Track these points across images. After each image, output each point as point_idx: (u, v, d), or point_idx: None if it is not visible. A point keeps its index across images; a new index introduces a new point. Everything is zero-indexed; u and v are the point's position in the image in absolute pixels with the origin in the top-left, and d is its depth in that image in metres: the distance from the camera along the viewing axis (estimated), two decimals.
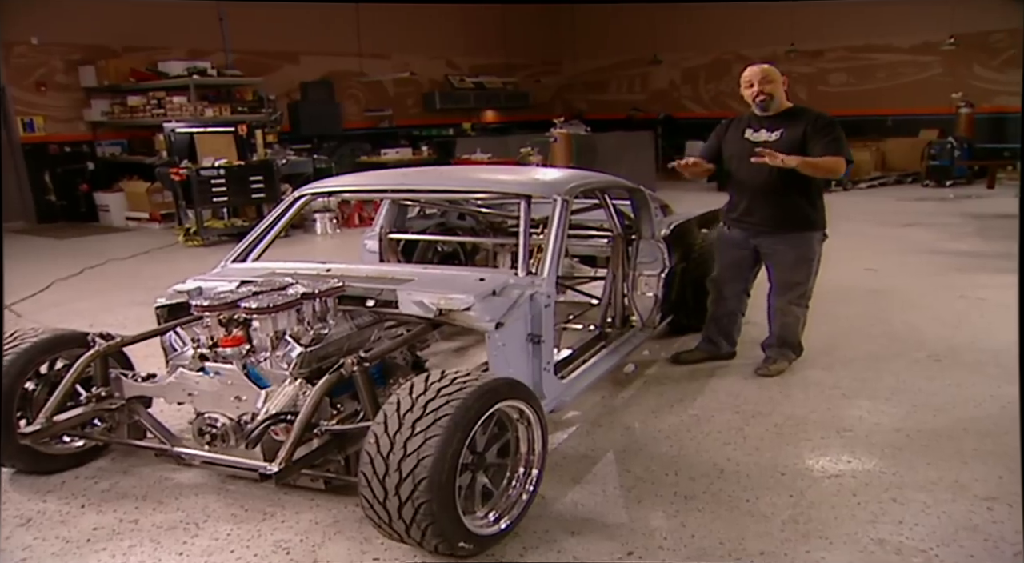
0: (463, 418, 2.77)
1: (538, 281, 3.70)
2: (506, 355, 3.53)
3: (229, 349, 3.35)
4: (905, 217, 10.99)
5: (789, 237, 4.69)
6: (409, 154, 14.57)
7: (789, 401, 4.50)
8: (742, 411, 4.36)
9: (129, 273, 8.79)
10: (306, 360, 3.34)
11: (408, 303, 3.58)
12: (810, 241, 4.71)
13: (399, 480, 2.68)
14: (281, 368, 3.33)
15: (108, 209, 12.60)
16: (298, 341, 3.36)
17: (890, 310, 6.29)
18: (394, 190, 4.92)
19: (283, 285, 3.58)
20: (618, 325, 4.97)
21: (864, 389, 4.65)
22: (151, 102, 12.15)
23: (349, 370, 3.10)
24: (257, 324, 3.39)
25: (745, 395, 4.60)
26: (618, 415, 4.37)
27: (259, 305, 3.32)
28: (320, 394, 3.06)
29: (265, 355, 3.38)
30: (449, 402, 2.79)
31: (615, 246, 4.97)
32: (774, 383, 4.77)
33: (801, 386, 4.73)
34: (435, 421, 2.73)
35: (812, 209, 4.68)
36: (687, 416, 4.33)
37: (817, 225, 4.71)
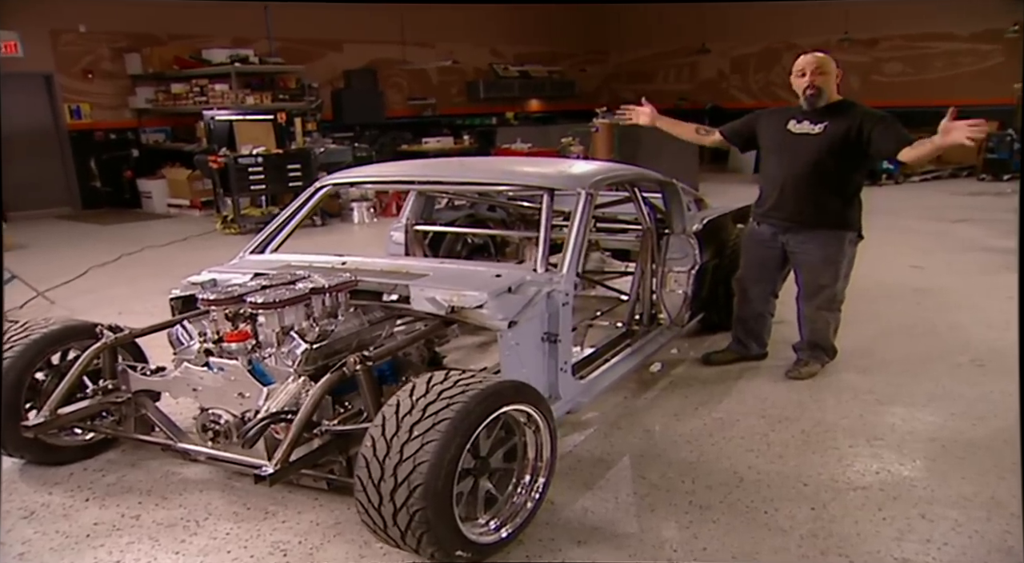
0: (463, 422, 2.65)
1: (557, 278, 3.58)
2: (519, 355, 3.41)
3: (234, 344, 3.28)
4: (957, 212, 10.60)
5: (818, 235, 4.47)
6: (451, 143, 14.51)
7: (819, 406, 4.31)
8: (768, 416, 4.19)
9: (164, 261, 8.84)
10: (311, 357, 3.25)
11: (420, 299, 3.49)
12: (840, 241, 4.48)
13: (394, 485, 2.58)
14: (286, 365, 3.25)
15: (150, 196, 12.74)
16: (303, 337, 3.28)
17: (934, 310, 6.04)
18: (416, 181, 4.84)
19: (293, 279, 3.50)
20: (645, 323, 4.82)
21: (900, 394, 4.43)
22: (194, 89, 12.24)
23: (352, 369, 3.01)
24: (263, 319, 3.31)
25: (773, 399, 4.42)
26: (639, 417, 4.22)
27: (265, 300, 3.24)
28: (320, 393, 2.97)
29: (271, 351, 3.30)
30: (449, 405, 2.68)
31: (644, 241, 4.81)
32: (805, 386, 4.59)
33: (833, 390, 4.53)
34: (433, 425, 2.63)
35: (847, 207, 4.48)
36: (711, 419, 4.17)
37: (850, 225, 4.49)
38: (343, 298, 3.53)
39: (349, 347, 3.40)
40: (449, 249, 5.82)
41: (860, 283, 7.02)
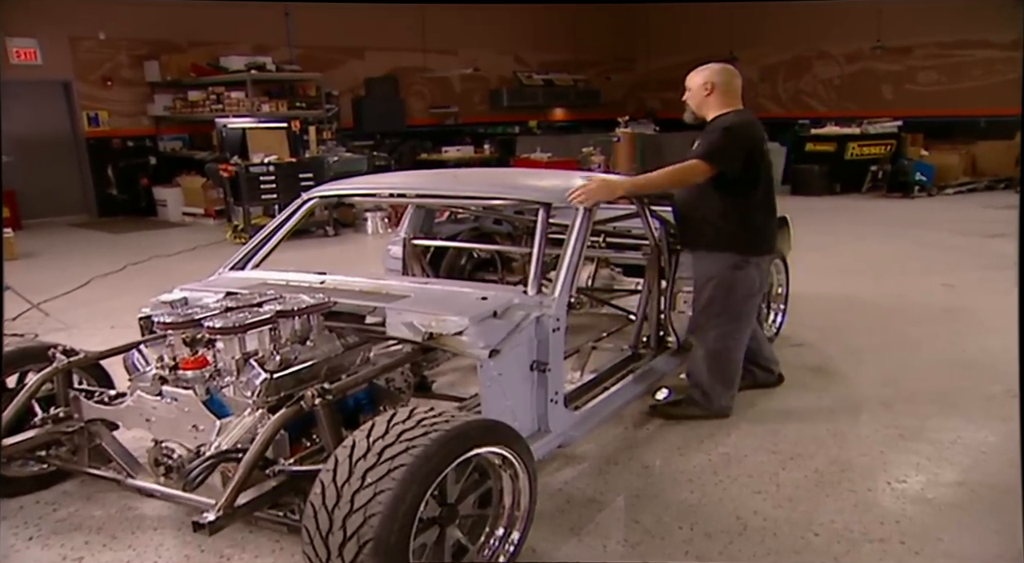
0: (422, 469, 2.36)
1: (547, 301, 3.30)
2: (503, 386, 3.13)
3: (190, 372, 3.00)
4: (992, 226, 10.12)
5: (695, 256, 4.22)
6: (471, 152, 14.31)
7: (836, 441, 3.97)
8: (780, 452, 3.85)
9: (169, 271, 8.67)
10: (271, 387, 2.97)
11: (397, 324, 3.22)
12: (708, 262, 4.11)
13: (343, 539, 2.29)
14: (245, 396, 2.98)
15: (165, 204, 12.66)
16: (263, 366, 3.00)
17: (966, 334, 5.65)
18: (406, 194, 4.57)
19: (260, 301, 3.24)
20: (653, 346, 4.52)
21: (926, 429, 4.08)
22: (210, 97, 12.11)
23: (309, 403, 2.71)
24: (221, 345, 3.05)
25: (786, 432, 4.08)
26: (638, 451, 3.91)
27: (224, 324, 2.97)
28: (273, 430, 2.70)
29: (230, 380, 3.03)
30: (408, 449, 2.39)
31: (651, 258, 4.50)
32: (822, 418, 4.24)
33: (852, 422, 4.19)
34: (389, 472, 2.33)
35: (721, 227, 4.03)
36: (716, 455, 3.84)
37: (724, 245, 4.03)
38: (316, 321, 3.25)
39: (318, 376, 3.13)
40: (451, 264, 5.56)
41: (885, 302, 6.75)
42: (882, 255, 8.66)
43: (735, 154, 3.86)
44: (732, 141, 3.85)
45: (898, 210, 12.26)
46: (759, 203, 4.06)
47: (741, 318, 4.17)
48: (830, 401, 4.49)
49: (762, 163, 4.00)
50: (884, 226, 10.62)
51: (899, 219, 11.25)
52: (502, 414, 3.08)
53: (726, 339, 4.17)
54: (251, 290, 3.45)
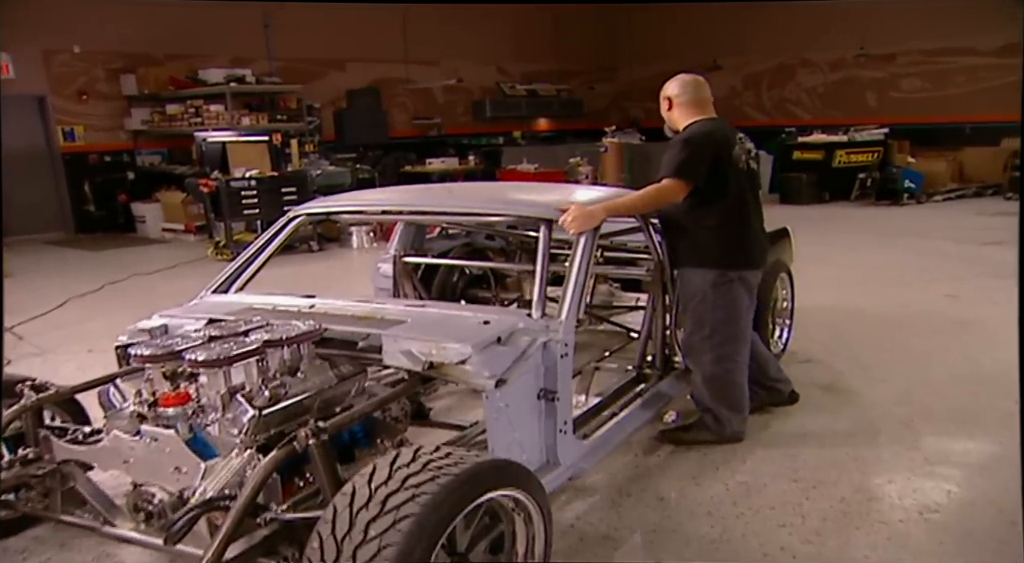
0: (431, 520, 2.12)
1: (554, 325, 3.10)
2: (510, 417, 2.91)
3: (171, 409, 2.75)
4: (986, 234, 10.01)
5: (680, 274, 4.02)
6: (455, 164, 14.11)
7: (859, 466, 3.76)
8: (801, 479, 3.65)
9: (149, 290, 8.40)
10: (260, 425, 2.71)
11: (394, 353, 2.97)
12: (691, 280, 3.92)
13: None
14: (231, 434, 2.72)
15: (144, 220, 12.36)
16: (250, 402, 2.73)
17: (976, 346, 5.48)
18: (397, 211, 4.32)
19: (246, 329, 2.99)
20: (659, 366, 4.29)
21: (951, 452, 3.89)
22: (189, 110, 11.84)
23: (302, 443, 2.47)
24: (205, 379, 2.80)
25: (805, 456, 3.88)
26: (651, 481, 3.69)
27: (207, 356, 2.71)
28: (264, 474, 2.44)
29: (215, 417, 2.77)
30: (415, 497, 2.15)
31: (655, 275, 4.27)
32: (840, 441, 4.04)
33: (872, 445, 3.99)
34: (394, 523, 2.10)
35: (697, 241, 3.86)
36: (734, 484, 3.63)
37: (702, 260, 3.85)
38: (307, 350, 2.99)
39: (311, 410, 2.87)
40: (443, 282, 5.34)
41: (890, 314, 6.57)
42: (879, 265, 8.52)
43: (699, 163, 3.65)
44: (691, 151, 3.65)
45: (889, 218, 12.16)
46: (734, 212, 3.82)
47: (736, 339, 3.93)
48: (846, 422, 4.30)
49: (730, 168, 3.76)
50: (877, 235, 10.49)
51: (891, 227, 11.13)
52: (509, 447, 2.88)
53: (723, 362, 3.93)
54: (236, 316, 3.21)
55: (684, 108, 3.86)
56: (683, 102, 3.86)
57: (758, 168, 4.07)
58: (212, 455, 2.67)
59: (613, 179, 12.14)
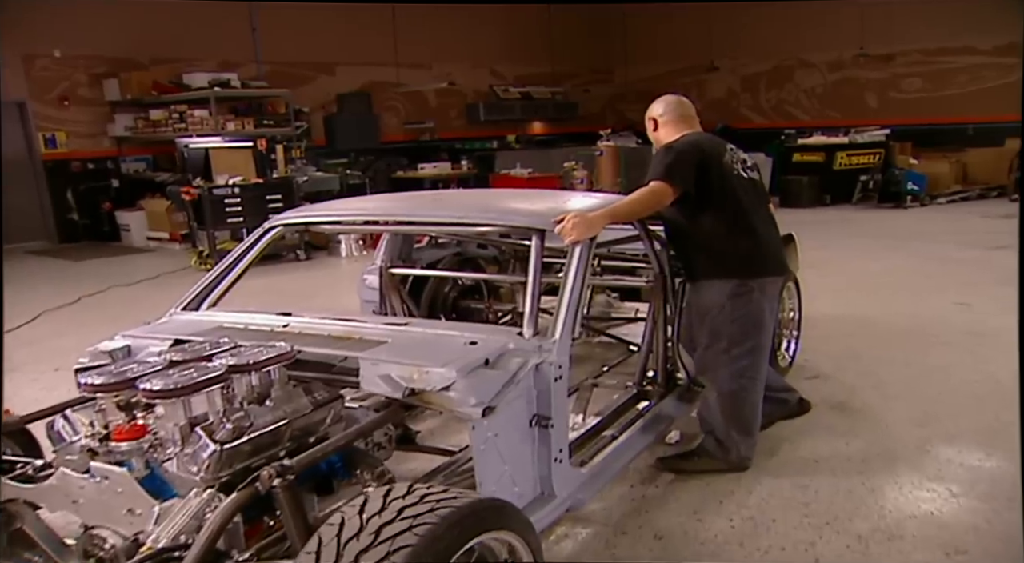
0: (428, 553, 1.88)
1: (547, 345, 2.83)
2: (499, 448, 2.65)
3: (124, 444, 2.46)
4: (994, 238, 9.71)
5: (693, 288, 3.84)
6: (448, 169, 13.83)
7: (875, 498, 3.46)
8: (813, 514, 3.34)
9: (127, 303, 8.10)
10: (222, 461, 2.41)
11: (372, 378, 2.70)
12: (706, 292, 3.71)
13: None
14: (190, 472, 2.42)
15: (129, 229, 12.05)
16: (211, 436, 2.43)
17: (994, 360, 5.17)
18: (380, 222, 4.08)
19: (211, 352, 2.69)
20: (660, 382, 4.01)
21: (978, 482, 3.58)
22: (173, 116, 11.53)
23: (266, 485, 2.21)
24: (161, 410, 2.50)
25: (816, 486, 3.57)
26: (649, 516, 3.39)
27: (163, 386, 2.41)
28: (223, 519, 2.17)
29: (174, 452, 2.47)
30: (390, 556, 1.86)
31: (655, 286, 4.01)
32: (854, 469, 3.74)
33: (890, 473, 3.68)
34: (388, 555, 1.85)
35: (710, 251, 3.67)
36: (739, 520, 3.32)
37: (718, 271, 3.66)
38: (278, 375, 2.69)
39: (280, 442, 2.57)
40: (433, 293, 5.06)
41: (899, 324, 6.25)
42: (885, 271, 8.22)
43: (685, 167, 3.50)
44: (676, 155, 3.53)
45: (893, 221, 11.87)
46: (740, 220, 3.63)
47: (755, 352, 3.67)
48: (860, 446, 3.99)
49: (723, 175, 3.60)
50: (882, 238, 10.20)
51: (896, 231, 10.84)
52: (499, 481, 2.65)
53: (740, 378, 3.67)
54: (203, 337, 2.94)
55: (669, 126, 3.79)
56: (668, 121, 3.80)
57: (760, 177, 3.89)
58: (171, 495, 2.41)
59: (609, 183, 11.84)
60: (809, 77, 17.33)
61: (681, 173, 3.49)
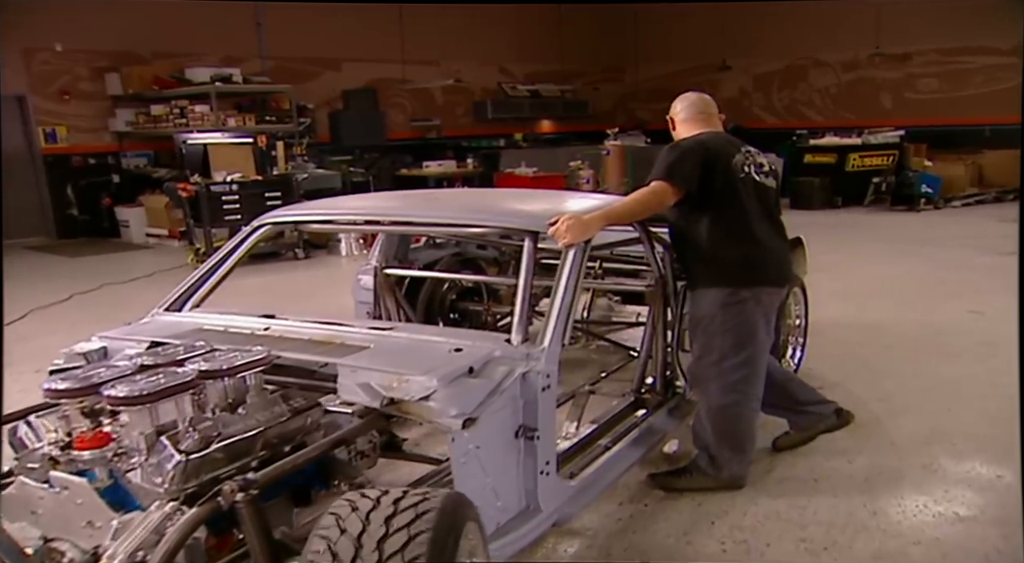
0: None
1: (535, 353, 2.74)
2: (481, 460, 2.56)
3: (87, 452, 2.34)
4: (1009, 243, 9.39)
5: (691, 296, 3.65)
6: (453, 167, 13.67)
7: (878, 522, 3.25)
8: (811, 538, 3.14)
9: (119, 301, 7.94)
10: (188, 472, 2.27)
11: (350, 386, 2.61)
12: (699, 301, 3.53)
13: None
14: (154, 483, 2.28)
15: (128, 225, 11.91)
16: (176, 445, 2.29)
17: (1008, 373, 4.90)
18: (370, 221, 3.94)
19: (183, 357, 2.58)
20: (659, 390, 3.87)
21: (988, 504, 3.37)
22: (174, 111, 11.39)
23: (228, 499, 2.10)
24: (126, 418, 2.37)
25: (815, 508, 3.37)
26: (636, 537, 3.19)
27: (128, 392, 2.28)
28: (180, 536, 2.06)
29: (138, 461, 2.34)
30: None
31: (655, 290, 3.85)
32: (855, 488, 3.54)
33: (894, 495, 3.47)
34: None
35: (705, 258, 3.49)
36: (732, 544, 3.13)
37: (712, 279, 3.48)
38: (254, 381, 2.57)
39: (252, 451, 2.43)
40: (431, 295, 4.96)
41: (910, 333, 6.02)
42: (896, 276, 7.98)
43: (688, 168, 3.33)
44: (679, 154, 3.38)
45: (906, 225, 11.60)
46: (741, 225, 3.44)
47: (748, 365, 3.46)
48: (864, 464, 3.79)
49: (729, 178, 3.40)
50: (893, 243, 9.95)
51: (908, 235, 10.59)
52: (481, 494, 2.51)
53: (731, 391, 3.47)
54: (181, 340, 2.84)
55: (688, 124, 3.63)
56: (684, 119, 3.65)
57: (777, 184, 3.70)
58: (134, 507, 2.29)
59: (615, 183, 11.63)
60: (823, 77, 17.07)
61: (683, 173, 3.32)
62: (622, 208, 3.34)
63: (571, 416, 3.68)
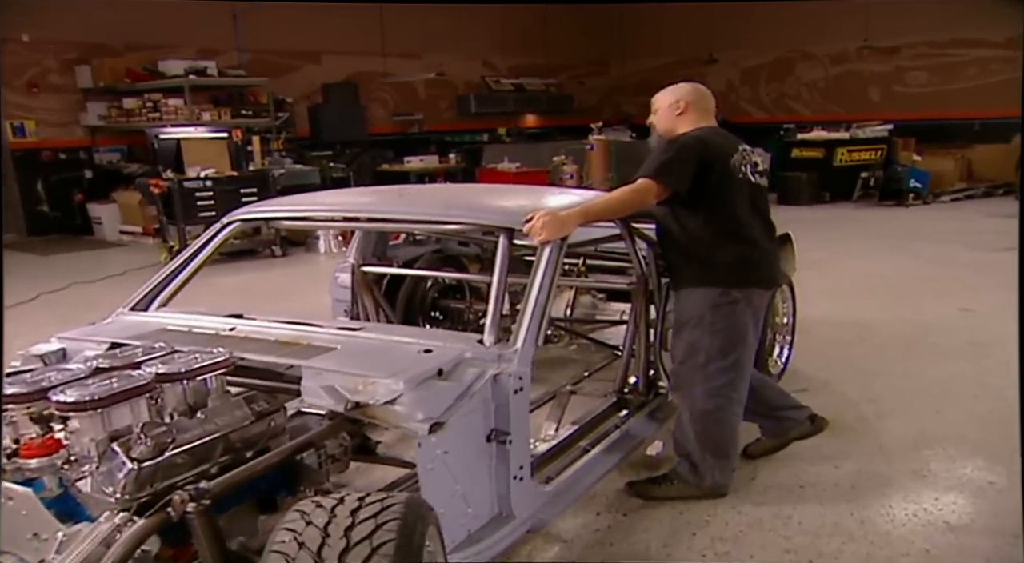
0: None
1: (508, 354, 2.63)
2: (450, 466, 2.45)
3: (34, 460, 2.19)
4: (1000, 239, 9.27)
5: (678, 296, 3.44)
6: (435, 162, 13.44)
7: (865, 532, 3.07)
8: (796, 549, 2.95)
9: (88, 301, 7.68)
10: (140, 480, 2.14)
11: (314, 389, 2.49)
12: (686, 301, 3.33)
13: None
14: (105, 492, 2.15)
15: (101, 222, 11.61)
16: (128, 453, 2.15)
17: (999, 374, 4.75)
18: (343, 218, 3.81)
19: (140, 359, 2.44)
20: (642, 390, 3.73)
21: (980, 513, 3.19)
22: (147, 105, 11.11)
23: (179, 510, 2.01)
24: (76, 424, 2.22)
25: (800, 517, 3.19)
26: (615, 548, 3.02)
27: (78, 397, 2.14)
28: (126, 549, 1.95)
29: (89, 469, 2.20)
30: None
31: (637, 289, 3.71)
32: (842, 496, 3.36)
33: (882, 503, 3.29)
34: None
35: (695, 257, 3.30)
36: (713, 554, 2.95)
37: (702, 278, 3.28)
38: (215, 384, 2.46)
39: (211, 458, 2.31)
40: (410, 293, 4.81)
41: (899, 332, 5.84)
42: (885, 273, 7.80)
43: (683, 169, 3.16)
44: (676, 152, 3.19)
45: (894, 220, 11.45)
46: (734, 225, 3.27)
47: (734, 369, 3.29)
48: (850, 470, 3.61)
49: (726, 178, 3.21)
50: (882, 238, 9.79)
51: (897, 230, 10.43)
52: (450, 502, 2.44)
53: (716, 397, 3.29)
54: (143, 341, 2.73)
55: (695, 114, 3.39)
56: (696, 108, 3.41)
57: (767, 184, 3.53)
58: (84, 518, 2.17)
59: (599, 179, 11.42)
60: (811, 70, 16.91)
61: (676, 173, 3.16)
62: (602, 205, 3.17)
63: (552, 416, 3.58)
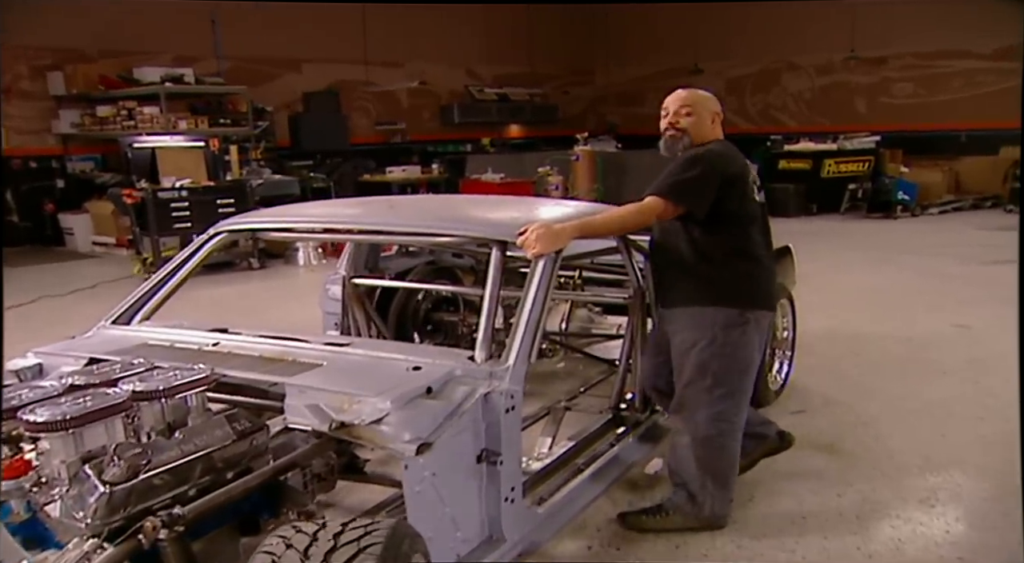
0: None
1: (499, 371, 2.57)
2: (438, 489, 2.37)
3: (1, 483, 2.06)
4: (991, 252, 9.15)
5: (671, 315, 3.22)
6: (417, 172, 13.19)
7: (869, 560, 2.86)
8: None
9: (58, 316, 7.39)
10: (113, 504, 2.00)
11: (299, 408, 2.43)
12: (692, 321, 3.11)
13: None
14: (75, 517, 2.02)
15: (73, 233, 11.31)
16: (100, 475, 2.02)
17: (1000, 393, 4.56)
18: (333, 229, 3.69)
19: (117, 376, 2.36)
20: (638, 406, 3.64)
21: (987, 546, 2.99)
22: (121, 113, 10.83)
23: (150, 537, 1.93)
24: (47, 445, 2.10)
25: (804, 551, 3.00)
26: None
27: (49, 416, 2.03)
28: None
29: (60, 492, 2.07)
30: None
31: (634, 302, 3.63)
32: (847, 527, 3.18)
33: (889, 534, 3.09)
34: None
35: (706, 274, 3.10)
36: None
37: (714, 297, 3.08)
38: (195, 402, 2.37)
39: (190, 479, 2.18)
40: (403, 305, 4.70)
41: (894, 349, 5.65)
42: (876, 287, 7.65)
43: (704, 189, 3.00)
44: (700, 172, 3.00)
45: (883, 232, 11.34)
46: (749, 244, 3.12)
47: (737, 394, 3.13)
48: (854, 500, 3.41)
49: (743, 200, 3.09)
50: (871, 251, 9.65)
51: (886, 243, 10.30)
52: (437, 525, 2.36)
53: (720, 421, 3.10)
54: (123, 356, 2.66)
55: (714, 126, 3.22)
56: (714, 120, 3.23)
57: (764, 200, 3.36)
58: (52, 545, 2.07)
59: (585, 190, 11.25)
60: (797, 81, 16.86)
61: (695, 195, 2.99)
62: (602, 222, 3.04)
63: (546, 433, 3.52)
